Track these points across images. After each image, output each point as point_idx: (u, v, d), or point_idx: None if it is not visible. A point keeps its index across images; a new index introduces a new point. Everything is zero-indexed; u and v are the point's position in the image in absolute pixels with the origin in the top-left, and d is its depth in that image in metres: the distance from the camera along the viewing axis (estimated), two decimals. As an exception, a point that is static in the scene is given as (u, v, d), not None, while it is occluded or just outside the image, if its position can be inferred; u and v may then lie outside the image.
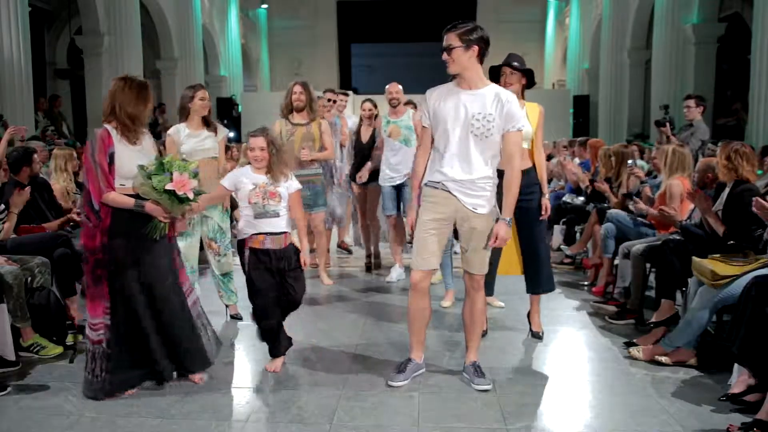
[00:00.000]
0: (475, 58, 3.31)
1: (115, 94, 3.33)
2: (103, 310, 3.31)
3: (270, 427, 3.05)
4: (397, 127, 5.70)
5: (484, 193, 3.36)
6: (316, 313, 4.88)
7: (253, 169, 3.65)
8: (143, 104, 3.37)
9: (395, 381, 3.49)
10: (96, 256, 3.28)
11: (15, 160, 4.80)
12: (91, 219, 3.28)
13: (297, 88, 5.47)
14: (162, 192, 3.20)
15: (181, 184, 3.21)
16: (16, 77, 8.56)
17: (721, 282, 3.53)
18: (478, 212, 3.36)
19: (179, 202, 3.26)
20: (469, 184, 3.34)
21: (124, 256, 3.29)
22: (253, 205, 3.58)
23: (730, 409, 3.18)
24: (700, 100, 7.00)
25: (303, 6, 21.26)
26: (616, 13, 14.03)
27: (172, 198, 3.23)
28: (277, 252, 3.61)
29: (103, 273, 3.29)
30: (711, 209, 4.11)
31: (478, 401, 3.30)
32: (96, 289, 3.31)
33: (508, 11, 20.13)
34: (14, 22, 8.48)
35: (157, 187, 3.19)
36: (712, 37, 11.44)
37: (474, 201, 3.36)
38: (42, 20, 14.09)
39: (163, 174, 3.21)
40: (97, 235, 3.27)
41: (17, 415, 3.15)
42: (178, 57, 14.72)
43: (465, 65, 3.31)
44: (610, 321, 4.63)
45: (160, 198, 3.22)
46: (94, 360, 3.31)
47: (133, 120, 3.34)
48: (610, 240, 5.24)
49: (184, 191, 3.23)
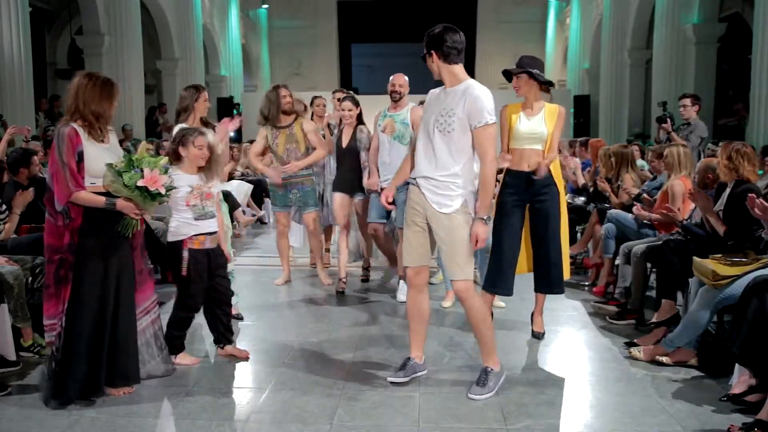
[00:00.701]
0: (440, 61, 3.30)
1: (78, 92, 3.22)
2: (59, 311, 3.21)
3: (270, 428, 3.05)
4: (392, 122, 5.09)
5: (448, 192, 3.30)
6: (316, 313, 4.89)
7: (181, 170, 3.64)
8: (108, 101, 3.27)
9: (394, 377, 3.52)
10: (62, 255, 3.18)
11: (14, 161, 4.80)
12: (58, 219, 3.19)
13: (285, 92, 5.44)
14: (134, 189, 3.19)
15: (153, 180, 3.20)
16: (17, 77, 8.58)
17: (722, 282, 3.52)
18: (442, 211, 3.31)
19: (151, 198, 3.25)
20: (434, 181, 3.32)
21: (94, 256, 3.22)
22: (193, 207, 3.66)
23: (731, 409, 3.17)
24: (696, 99, 7.01)
25: (303, 6, 21.28)
26: (617, 13, 14.04)
27: (144, 194, 3.21)
28: (214, 251, 3.76)
29: (67, 274, 3.19)
30: (712, 209, 4.11)
31: (478, 401, 3.29)
32: (56, 289, 3.20)
33: (509, 11, 20.14)
34: (15, 22, 8.50)
35: (129, 184, 3.18)
36: (713, 37, 11.44)
37: (438, 199, 3.32)
38: (42, 20, 14.11)
39: (133, 170, 3.20)
40: (65, 234, 3.18)
41: (18, 414, 3.15)
42: (178, 57, 14.74)
43: (434, 70, 3.36)
44: (610, 321, 4.63)
45: (132, 195, 3.20)
46: (49, 361, 3.25)
47: (98, 117, 3.24)
48: (610, 240, 5.24)
49: (155, 187, 3.22)
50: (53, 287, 3.21)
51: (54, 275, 3.20)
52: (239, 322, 4.62)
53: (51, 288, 3.21)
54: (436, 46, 3.29)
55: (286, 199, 5.58)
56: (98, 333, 3.26)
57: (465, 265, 3.34)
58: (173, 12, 14.47)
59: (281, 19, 21.32)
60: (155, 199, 3.28)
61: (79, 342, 3.21)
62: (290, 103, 5.45)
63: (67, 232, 3.20)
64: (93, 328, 3.24)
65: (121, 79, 11.78)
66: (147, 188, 3.20)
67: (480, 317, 3.42)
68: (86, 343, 3.23)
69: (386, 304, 5.14)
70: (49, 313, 3.23)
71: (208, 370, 3.75)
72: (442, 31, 3.28)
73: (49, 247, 3.22)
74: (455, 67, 3.32)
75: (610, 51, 14.31)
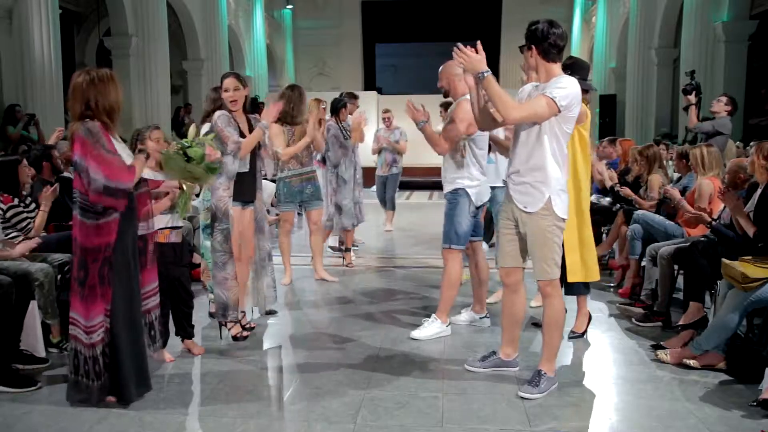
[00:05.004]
0: (539, 57, 3.29)
1: (84, 90, 3.12)
2: (102, 311, 3.15)
3: (294, 426, 3.07)
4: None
5: (533, 191, 3.29)
6: (337, 312, 4.90)
7: (148, 168, 3.65)
8: (116, 94, 3.18)
9: (471, 365, 3.65)
10: (106, 253, 3.12)
11: (35, 158, 4.90)
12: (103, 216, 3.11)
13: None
14: (200, 160, 3.55)
15: (212, 153, 3.66)
16: (47, 78, 8.75)
17: (752, 285, 3.46)
18: (527, 210, 3.32)
19: (212, 171, 3.67)
20: (520, 180, 3.35)
21: (127, 255, 3.23)
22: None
23: (762, 414, 3.11)
24: (732, 101, 6.83)
25: (327, 6, 21.37)
26: (644, 11, 13.84)
27: (207, 167, 3.60)
28: (179, 245, 3.90)
29: (110, 272, 3.14)
30: (742, 209, 4.03)
31: (503, 402, 3.28)
32: (101, 289, 3.13)
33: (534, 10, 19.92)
34: (45, 24, 8.66)
35: (195, 157, 3.54)
36: (744, 35, 11.20)
37: (524, 199, 3.33)
38: (72, 22, 14.35)
39: (197, 145, 3.59)
40: (112, 230, 3.13)
41: (49, 410, 3.20)
42: (204, 58, 14.89)
43: (531, 64, 3.37)
44: (636, 323, 4.57)
45: (196, 169, 3.54)
46: (87, 363, 3.15)
47: (111, 113, 3.17)
48: (636, 241, 5.18)
49: (214, 159, 3.67)
50: (98, 287, 3.13)
51: (99, 274, 3.13)
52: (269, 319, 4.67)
53: (96, 288, 3.13)
54: (537, 41, 3.28)
55: (302, 195, 5.64)
56: (136, 328, 3.29)
57: (546, 265, 3.34)
58: (199, 13, 14.63)
59: (306, 19, 21.43)
60: (215, 170, 3.70)
61: (125, 339, 3.22)
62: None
63: (113, 228, 3.14)
64: (131, 324, 3.26)
65: (148, 79, 12.00)
66: (207, 160, 3.56)
67: (554, 317, 3.41)
68: (130, 340, 3.24)
69: (411, 303, 5.14)
70: (88, 313, 3.13)
71: (234, 368, 3.78)
72: (547, 26, 3.28)
73: (89, 246, 3.12)
74: (553, 66, 3.31)
75: (637, 50, 14.10)
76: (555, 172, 3.27)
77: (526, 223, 3.34)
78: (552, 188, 3.26)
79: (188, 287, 3.95)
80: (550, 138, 3.25)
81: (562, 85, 3.20)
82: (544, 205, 3.27)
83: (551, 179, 3.26)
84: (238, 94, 4.13)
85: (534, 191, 3.28)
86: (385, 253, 7.35)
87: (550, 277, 3.35)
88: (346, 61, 21.39)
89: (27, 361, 3.72)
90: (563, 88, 3.18)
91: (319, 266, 5.92)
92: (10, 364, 3.51)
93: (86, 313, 3.14)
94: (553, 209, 3.27)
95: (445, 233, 4.22)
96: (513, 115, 3.18)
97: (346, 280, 5.93)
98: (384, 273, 6.29)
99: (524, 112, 3.20)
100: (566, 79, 3.25)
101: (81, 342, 3.15)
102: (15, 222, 4.18)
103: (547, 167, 3.25)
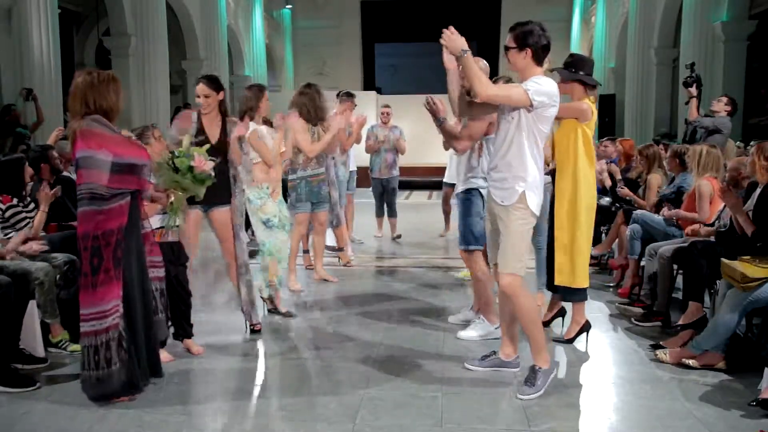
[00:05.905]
0: (531, 60, 3.31)
1: (85, 90, 3.15)
2: (117, 295, 3.17)
3: (294, 426, 3.07)
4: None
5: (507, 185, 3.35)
6: (338, 313, 4.90)
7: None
8: (116, 96, 3.22)
9: (471, 365, 3.65)
10: (118, 236, 3.16)
11: (33, 159, 4.89)
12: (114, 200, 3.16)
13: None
14: (186, 171, 3.50)
15: (201, 163, 3.55)
16: (47, 78, 8.74)
17: (752, 284, 3.47)
18: (502, 204, 3.36)
19: (201, 182, 3.58)
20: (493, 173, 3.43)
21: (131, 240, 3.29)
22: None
23: (761, 414, 3.11)
24: (732, 102, 6.83)
25: (327, 6, 21.37)
26: (643, 11, 13.84)
27: (194, 177, 3.54)
28: (177, 244, 3.89)
29: (121, 254, 3.18)
30: (741, 208, 4.03)
31: (502, 403, 3.28)
32: (116, 271, 3.16)
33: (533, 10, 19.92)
34: (44, 24, 8.65)
35: (181, 167, 3.46)
36: (743, 35, 11.19)
37: (500, 193, 3.39)
38: (71, 22, 14.33)
39: (185, 155, 3.51)
40: (124, 212, 3.18)
41: (47, 409, 3.20)
42: (203, 57, 14.89)
43: (519, 65, 3.36)
44: (635, 323, 4.57)
45: (183, 179, 3.48)
46: (98, 352, 3.15)
47: (108, 115, 3.19)
48: (636, 241, 5.18)
49: (203, 170, 3.56)
50: (113, 270, 3.15)
51: (113, 257, 3.14)
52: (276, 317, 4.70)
53: (111, 271, 3.15)
54: (534, 43, 3.30)
55: (318, 195, 5.61)
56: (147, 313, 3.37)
57: (508, 257, 3.35)
58: (198, 13, 14.63)
59: (305, 19, 21.43)
60: (204, 182, 3.60)
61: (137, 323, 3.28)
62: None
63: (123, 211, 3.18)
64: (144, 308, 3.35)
65: (147, 79, 11.98)
66: (195, 171, 3.50)
67: (526, 314, 3.40)
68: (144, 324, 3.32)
69: (408, 302, 5.14)
70: (104, 298, 3.14)
71: (234, 368, 3.79)
72: (540, 29, 3.31)
73: (104, 233, 3.13)
74: (537, 69, 3.35)
75: (637, 49, 14.10)
76: (532, 168, 3.32)
77: (501, 217, 3.39)
78: (528, 184, 3.31)
79: (186, 286, 3.95)
80: (528, 135, 3.31)
81: (540, 81, 3.27)
82: (518, 198, 3.31)
83: (528, 175, 3.31)
84: (209, 100, 4.17)
85: (509, 185, 3.33)
86: (384, 253, 7.35)
87: (514, 270, 3.35)
88: (346, 61, 21.39)
89: (26, 360, 3.72)
90: (539, 84, 3.26)
91: (319, 266, 5.92)
92: (9, 364, 3.50)
93: (101, 298, 3.14)
94: (527, 204, 3.32)
95: (462, 234, 4.24)
96: (488, 92, 3.26)
97: (345, 280, 5.93)
98: (384, 273, 6.29)
99: (499, 91, 3.31)
100: (545, 79, 3.31)
101: (95, 333, 3.13)
102: (14, 222, 4.17)
103: (525, 163, 3.31)
